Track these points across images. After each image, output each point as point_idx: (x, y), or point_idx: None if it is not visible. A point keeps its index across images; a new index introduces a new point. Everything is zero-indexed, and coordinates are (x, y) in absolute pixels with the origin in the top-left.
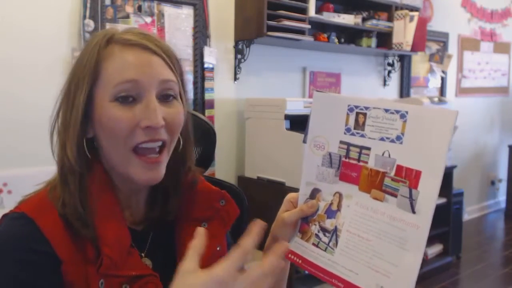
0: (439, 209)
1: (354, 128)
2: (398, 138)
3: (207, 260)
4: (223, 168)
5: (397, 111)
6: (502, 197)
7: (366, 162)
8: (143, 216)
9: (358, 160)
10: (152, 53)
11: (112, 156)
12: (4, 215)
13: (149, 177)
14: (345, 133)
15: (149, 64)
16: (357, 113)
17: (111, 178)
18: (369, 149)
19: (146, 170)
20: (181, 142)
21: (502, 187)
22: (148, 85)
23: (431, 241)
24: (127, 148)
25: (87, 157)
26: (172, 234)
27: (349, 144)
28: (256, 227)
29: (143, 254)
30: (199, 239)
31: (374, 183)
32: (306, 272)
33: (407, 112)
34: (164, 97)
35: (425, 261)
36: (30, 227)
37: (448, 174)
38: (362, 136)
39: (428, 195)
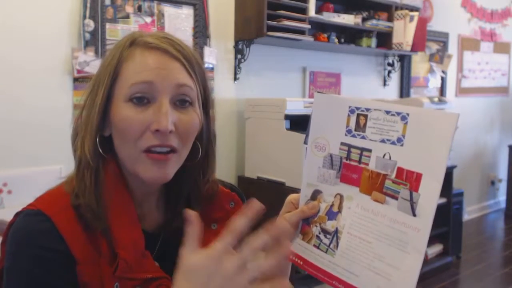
0: (439, 209)
1: (355, 130)
2: (399, 140)
3: None
4: (223, 168)
5: (398, 113)
6: (502, 197)
7: (367, 164)
8: (156, 221)
9: (359, 162)
10: (171, 57)
11: (123, 155)
12: (18, 213)
13: (156, 175)
14: (346, 135)
15: (166, 67)
16: (358, 115)
17: (126, 178)
18: (370, 151)
19: (153, 168)
20: (200, 152)
21: (502, 187)
22: (163, 88)
23: (431, 241)
24: (137, 150)
25: (102, 155)
26: (181, 235)
27: (350, 146)
28: (250, 208)
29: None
30: (193, 225)
31: (375, 185)
32: (306, 272)
33: (408, 114)
34: (180, 103)
35: (425, 261)
36: (47, 224)
37: (448, 174)
38: (363, 137)
39: (429, 198)
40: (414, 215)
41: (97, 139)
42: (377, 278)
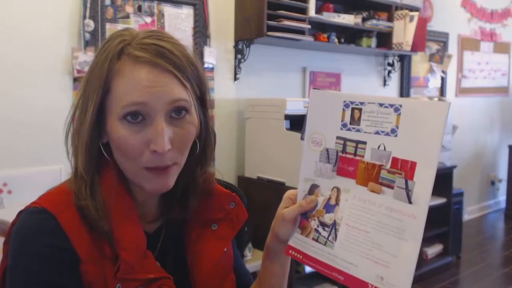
0: (439, 209)
1: (350, 123)
2: (393, 131)
3: (215, 262)
4: (223, 168)
5: (391, 105)
6: (502, 197)
7: (363, 156)
8: (156, 217)
9: (355, 154)
10: (162, 70)
11: (123, 168)
12: (21, 211)
13: (158, 186)
14: (341, 129)
15: (158, 84)
16: (353, 109)
17: (126, 181)
18: (365, 143)
19: (154, 180)
20: (198, 147)
21: (502, 187)
22: (157, 106)
23: (431, 241)
24: (138, 166)
25: (101, 161)
26: (181, 235)
27: (345, 139)
28: None
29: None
30: None
31: (371, 176)
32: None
33: (401, 106)
34: (176, 113)
35: (425, 261)
36: (51, 222)
37: (448, 174)
38: (358, 130)
39: (424, 185)
40: (410, 202)
41: (100, 145)
42: (376, 266)
